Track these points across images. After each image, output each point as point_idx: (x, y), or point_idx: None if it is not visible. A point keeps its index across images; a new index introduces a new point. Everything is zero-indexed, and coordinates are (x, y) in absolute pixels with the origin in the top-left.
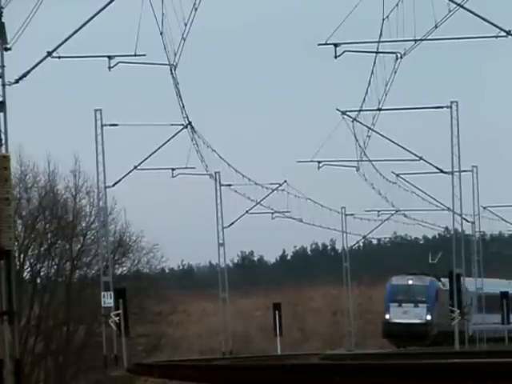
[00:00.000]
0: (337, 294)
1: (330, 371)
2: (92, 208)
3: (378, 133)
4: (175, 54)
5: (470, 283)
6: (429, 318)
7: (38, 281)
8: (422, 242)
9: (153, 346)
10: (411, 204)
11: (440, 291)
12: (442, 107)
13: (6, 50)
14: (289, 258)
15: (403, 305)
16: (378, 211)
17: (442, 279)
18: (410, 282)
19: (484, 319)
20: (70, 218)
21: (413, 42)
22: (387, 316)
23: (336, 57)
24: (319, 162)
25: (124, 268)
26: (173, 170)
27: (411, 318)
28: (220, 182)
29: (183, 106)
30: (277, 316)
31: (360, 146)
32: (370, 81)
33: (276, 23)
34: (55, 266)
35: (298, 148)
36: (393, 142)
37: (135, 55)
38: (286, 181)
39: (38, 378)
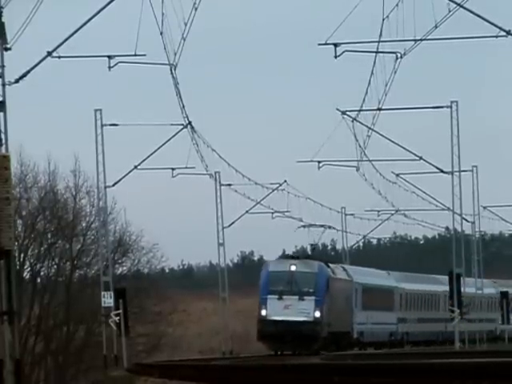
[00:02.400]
0: None
1: (329, 371)
2: (92, 208)
3: (378, 133)
4: (175, 54)
5: (355, 272)
6: (318, 314)
7: (38, 281)
8: (422, 242)
9: (153, 346)
10: (411, 204)
11: (331, 280)
12: (442, 107)
13: (6, 49)
14: None
15: (284, 297)
16: (378, 211)
17: (330, 265)
18: (294, 269)
19: (368, 318)
20: (70, 218)
21: (413, 42)
22: (263, 312)
23: (336, 57)
24: (319, 162)
25: (124, 268)
26: (173, 169)
27: (295, 314)
28: (220, 182)
29: (183, 106)
30: None
31: (360, 146)
32: (369, 81)
33: (276, 23)
34: (55, 266)
35: (298, 148)
36: (393, 141)
37: (135, 55)
38: (285, 181)
39: (38, 378)
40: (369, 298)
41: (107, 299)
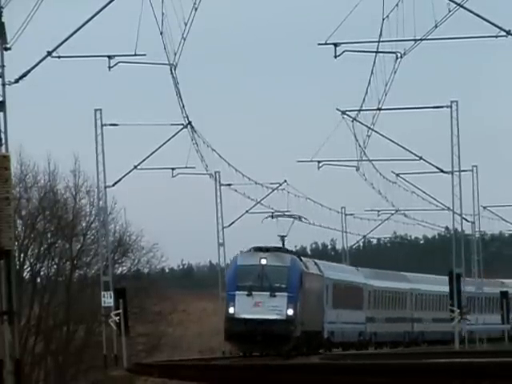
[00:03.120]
0: None
1: (329, 371)
2: (92, 208)
3: (378, 133)
4: (175, 54)
5: (325, 267)
6: (291, 312)
7: (38, 281)
8: (422, 242)
9: (153, 346)
10: (411, 204)
11: (304, 275)
12: (441, 107)
13: (6, 49)
14: None
15: (254, 294)
16: (378, 211)
17: (302, 258)
18: (264, 262)
19: (338, 316)
20: (70, 218)
21: (413, 42)
22: (231, 310)
23: (336, 57)
24: (319, 162)
25: (124, 268)
26: (173, 169)
27: (266, 312)
28: (220, 182)
29: (183, 106)
30: None
31: (360, 146)
32: (369, 81)
33: (276, 23)
34: (55, 266)
35: (298, 148)
36: (393, 141)
37: (135, 55)
38: (285, 180)
39: (38, 378)
40: (339, 295)
41: (107, 299)
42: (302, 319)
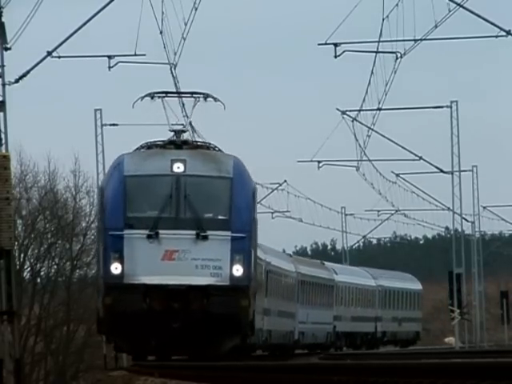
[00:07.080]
0: None
1: (329, 371)
2: (92, 208)
3: (378, 133)
4: (175, 54)
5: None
6: (239, 272)
7: (38, 281)
8: (422, 242)
9: None
10: (411, 204)
11: (255, 201)
12: (441, 107)
13: (6, 49)
14: None
15: (163, 235)
16: (378, 211)
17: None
18: (181, 169)
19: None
20: (70, 218)
21: (413, 42)
22: (115, 268)
23: (336, 57)
24: (319, 162)
25: None
26: None
27: (189, 272)
28: None
29: (183, 105)
30: None
31: (360, 146)
32: (369, 81)
33: (276, 23)
34: (55, 266)
35: (298, 148)
36: (393, 141)
37: (135, 55)
38: (285, 180)
39: (38, 378)
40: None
41: None
42: (255, 286)
